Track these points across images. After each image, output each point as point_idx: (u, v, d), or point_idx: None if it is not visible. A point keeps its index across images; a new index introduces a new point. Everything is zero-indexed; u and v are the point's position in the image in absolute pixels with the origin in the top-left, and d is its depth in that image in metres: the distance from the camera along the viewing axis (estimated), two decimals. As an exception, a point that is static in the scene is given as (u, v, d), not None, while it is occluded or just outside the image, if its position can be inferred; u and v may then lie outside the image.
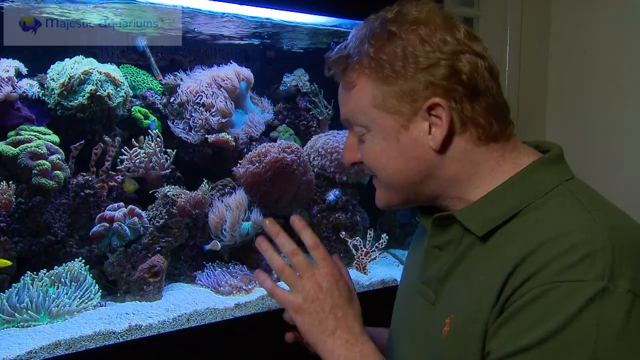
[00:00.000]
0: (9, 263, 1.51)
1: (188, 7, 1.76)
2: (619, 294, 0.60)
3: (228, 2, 1.70)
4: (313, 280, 0.79)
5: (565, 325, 0.60)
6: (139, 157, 1.82)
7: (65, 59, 1.77)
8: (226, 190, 1.93)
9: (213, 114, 1.99)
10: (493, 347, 0.67)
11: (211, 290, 1.74)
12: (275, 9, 1.78)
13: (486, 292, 0.69)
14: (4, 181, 1.53)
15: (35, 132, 1.64)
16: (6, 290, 1.47)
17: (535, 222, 0.70)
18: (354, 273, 1.96)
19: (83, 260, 1.61)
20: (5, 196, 1.51)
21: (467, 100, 0.75)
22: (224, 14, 1.84)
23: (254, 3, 1.69)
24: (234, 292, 1.71)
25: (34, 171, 1.57)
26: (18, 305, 1.43)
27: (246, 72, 2.12)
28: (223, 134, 1.99)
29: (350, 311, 0.78)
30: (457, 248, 0.79)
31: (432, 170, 0.79)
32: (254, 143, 2.10)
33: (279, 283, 0.86)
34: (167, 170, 1.88)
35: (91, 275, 1.61)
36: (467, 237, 0.78)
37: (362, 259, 1.99)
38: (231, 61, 2.14)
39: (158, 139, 1.86)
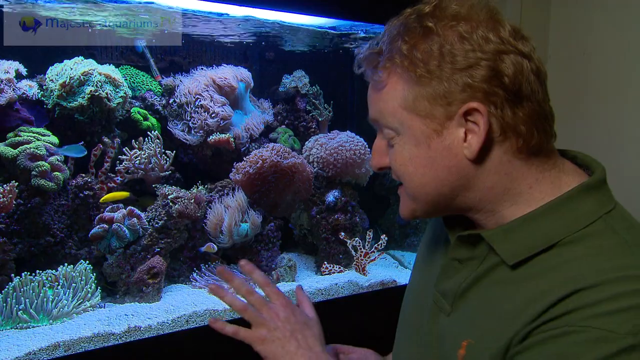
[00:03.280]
0: (126, 194, 1.71)
1: (187, 9, 1.76)
2: None
3: (227, 4, 1.70)
4: (272, 312, 0.86)
5: None
6: (138, 158, 1.82)
7: (65, 60, 1.77)
8: (225, 191, 1.93)
9: (212, 115, 1.99)
10: None
11: (208, 291, 1.73)
12: (275, 10, 1.79)
13: (510, 323, 0.66)
14: (10, 182, 1.53)
15: (34, 133, 1.64)
16: (4, 291, 1.47)
17: (575, 260, 0.66)
18: (353, 274, 1.96)
19: (87, 262, 1.61)
20: (5, 197, 1.51)
21: (509, 105, 0.68)
22: (222, 15, 1.84)
23: (255, 4, 1.69)
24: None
25: (33, 172, 1.57)
26: (16, 306, 1.43)
27: (245, 73, 2.12)
28: (219, 133, 1.99)
29: (309, 332, 0.86)
30: (479, 265, 0.75)
31: (464, 181, 0.73)
32: (253, 144, 2.10)
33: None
34: (166, 172, 1.88)
35: (94, 275, 1.61)
36: (492, 257, 0.74)
37: (362, 260, 1.99)
38: (230, 62, 2.14)
39: (157, 140, 1.86)
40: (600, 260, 0.64)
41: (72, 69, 1.74)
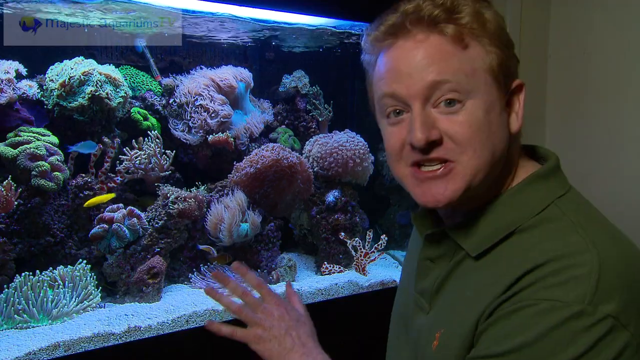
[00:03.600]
0: (112, 195, 1.69)
1: (187, 9, 1.76)
2: (596, 318, 0.60)
3: (227, 3, 1.70)
4: (267, 312, 0.89)
5: (537, 339, 0.62)
6: (138, 158, 1.82)
7: (65, 61, 1.77)
8: (225, 191, 1.92)
9: (212, 115, 1.99)
10: (472, 351, 0.69)
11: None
12: (275, 10, 1.78)
13: (475, 306, 0.70)
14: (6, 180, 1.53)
15: (34, 133, 1.64)
16: (4, 291, 1.47)
17: (528, 246, 0.69)
18: (353, 274, 1.96)
19: (84, 262, 1.61)
20: (6, 196, 1.51)
21: None
22: (223, 15, 1.84)
23: (254, 4, 1.69)
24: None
25: (33, 172, 1.57)
26: (16, 306, 1.43)
27: (245, 73, 2.12)
28: (224, 134, 1.99)
29: (302, 329, 0.88)
30: (449, 261, 0.79)
31: (503, 158, 0.74)
32: (253, 144, 2.10)
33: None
34: (166, 172, 1.88)
35: (92, 275, 1.61)
36: (460, 251, 0.77)
37: (362, 260, 1.99)
38: (230, 62, 2.14)
39: (157, 140, 1.86)
40: (551, 241, 0.68)
41: (72, 69, 1.74)
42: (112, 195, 1.72)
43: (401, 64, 0.71)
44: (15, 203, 1.55)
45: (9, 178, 1.52)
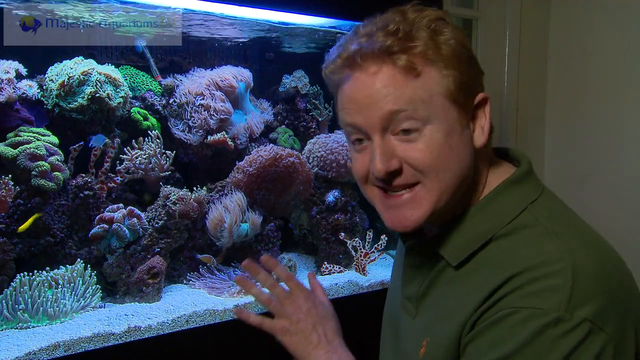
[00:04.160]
0: (38, 215, 1.60)
1: (187, 9, 1.76)
2: (573, 324, 0.61)
3: (228, 4, 1.70)
4: (294, 305, 0.89)
5: (519, 348, 0.62)
6: (139, 158, 1.82)
7: (64, 61, 1.77)
8: (225, 191, 1.92)
9: (212, 114, 1.99)
10: None
11: (208, 292, 1.73)
12: (275, 10, 1.79)
13: (457, 317, 0.71)
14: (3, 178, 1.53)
15: (34, 133, 1.64)
16: (4, 291, 1.47)
17: (504, 255, 0.70)
18: (353, 274, 1.96)
19: (82, 262, 1.61)
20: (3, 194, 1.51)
21: None
22: (223, 15, 1.84)
23: (254, 4, 1.69)
24: (230, 294, 1.71)
25: (33, 172, 1.57)
26: (16, 306, 1.43)
27: (245, 73, 2.12)
28: (221, 134, 1.99)
29: (329, 326, 0.89)
30: (431, 268, 0.80)
31: (470, 174, 0.75)
32: (253, 144, 2.10)
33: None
34: (166, 172, 1.88)
35: (93, 274, 1.61)
36: (441, 259, 0.78)
37: (362, 260, 1.99)
38: (230, 62, 2.14)
39: (158, 140, 1.86)
40: (527, 249, 0.69)
41: (71, 68, 1.74)
42: (37, 215, 1.61)
43: (358, 96, 0.72)
44: (10, 200, 1.55)
45: (6, 178, 1.52)
